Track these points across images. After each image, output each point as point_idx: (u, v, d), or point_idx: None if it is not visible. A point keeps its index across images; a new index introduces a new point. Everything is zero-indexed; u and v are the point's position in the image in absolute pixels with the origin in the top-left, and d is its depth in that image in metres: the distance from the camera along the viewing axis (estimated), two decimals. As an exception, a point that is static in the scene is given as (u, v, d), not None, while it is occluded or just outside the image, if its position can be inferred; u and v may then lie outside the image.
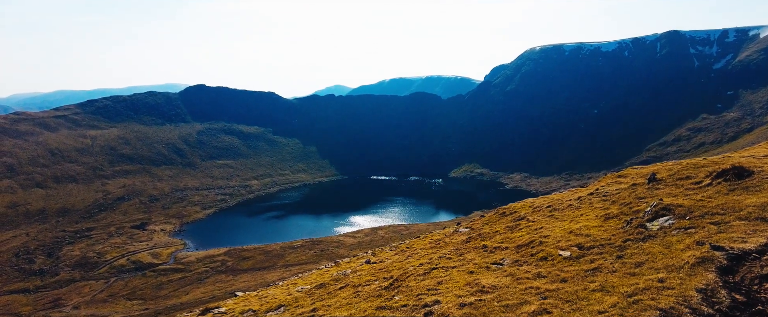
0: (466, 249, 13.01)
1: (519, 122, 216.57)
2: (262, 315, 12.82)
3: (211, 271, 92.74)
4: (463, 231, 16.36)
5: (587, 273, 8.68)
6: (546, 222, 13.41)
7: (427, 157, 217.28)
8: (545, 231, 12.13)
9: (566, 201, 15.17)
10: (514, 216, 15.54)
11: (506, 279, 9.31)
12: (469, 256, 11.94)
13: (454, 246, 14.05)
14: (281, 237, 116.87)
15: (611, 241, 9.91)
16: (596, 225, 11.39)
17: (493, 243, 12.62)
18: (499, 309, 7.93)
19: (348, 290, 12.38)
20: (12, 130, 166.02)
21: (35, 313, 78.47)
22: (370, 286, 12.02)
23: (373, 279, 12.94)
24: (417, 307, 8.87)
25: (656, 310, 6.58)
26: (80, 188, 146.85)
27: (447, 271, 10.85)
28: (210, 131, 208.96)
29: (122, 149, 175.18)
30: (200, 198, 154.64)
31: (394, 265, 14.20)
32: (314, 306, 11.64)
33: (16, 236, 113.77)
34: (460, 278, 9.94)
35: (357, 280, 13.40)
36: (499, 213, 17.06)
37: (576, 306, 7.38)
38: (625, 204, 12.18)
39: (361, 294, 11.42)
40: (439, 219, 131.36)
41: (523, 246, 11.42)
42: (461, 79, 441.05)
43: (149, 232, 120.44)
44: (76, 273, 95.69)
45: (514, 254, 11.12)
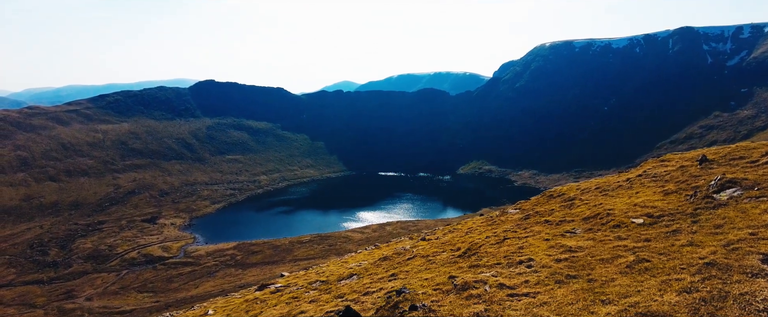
0: (527, 224, 13.60)
1: (528, 119, 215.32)
2: (334, 283, 13.30)
3: (221, 265, 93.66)
4: (512, 212, 16.90)
5: (668, 234, 9.32)
6: (602, 199, 14.01)
7: (435, 154, 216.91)
8: (606, 205, 12.70)
9: (614, 183, 15.85)
10: (564, 197, 16.05)
11: (588, 242, 9.99)
12: (535, 229, 12.58)
13: (512, 223, 14.65)
14: (289, 232, 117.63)
15: (681, 210, 10.56)
16: (658, 198, 12.03)
17: (555, 218, 13.28)
18: (595, 261, 8.64)
19: (418, 260, 13.00)
20: (26, 124, 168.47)
21: (49, 304, 79.90)
22: (441, 256, 12.71)
23: (440, 250, 13.54)
24: (512, 264, 9.37)
25: (758, 254, 7.29)
26: (92, 182, 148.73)
27: (521, 240, 11.47)
28: (219, 126, 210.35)
29: (133, 143, 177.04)
30: (210, 192, 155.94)
31: (456, 240, 14.86)
32: (391, 272, 12.35)
33: (31, 228, 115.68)
34: (539, 244, 10.59)
35: (423, 252, 14.00)
36: (547, 196, 17.60)
37: (671, 256, 8.09)
38: (681, 182, 12.81)
39: (436, 262, 12.11)
40: (447, 216, 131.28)
41: (589, 218, 12.08)
42: (470, 75, 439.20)
43: (159, 226, 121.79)
44: (88, 265, 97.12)
45: (582, 224, 11.75)
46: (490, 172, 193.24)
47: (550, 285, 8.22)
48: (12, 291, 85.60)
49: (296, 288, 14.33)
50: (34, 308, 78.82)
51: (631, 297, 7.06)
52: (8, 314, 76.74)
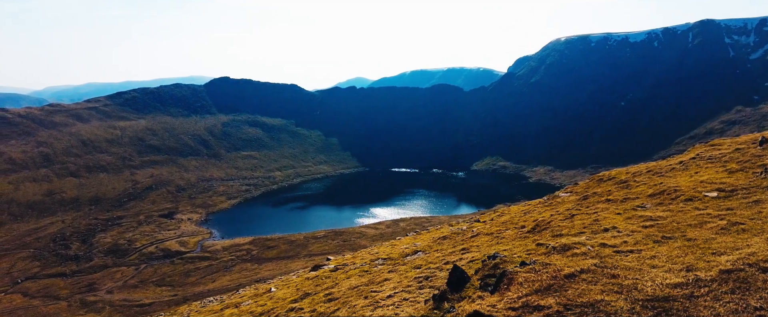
0: (588, 203, 13.77)
1: (543, 114, 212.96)
2: (400, 259, 13.64)
3: (237, 260, 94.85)
4: (564, 195, 17.12)
5: (751, 204, 9.42)
6: (660, 180, 14.05)
7: (449, 150, 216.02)
8: (669, 184, 12.76)
9: (667, 166, 15.97)
10: (615, 180, 16.23)
11: (665, 212, 10.20)
12: (600, 206, 12.77)
13: (571, 203, 14.78)
14: (304, 227, 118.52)
15: (753, 185, 10.65)
16: (724, 176, 12.11)
17: (616, 197, 13.31)
18: (684, 226, 8.71)
19: (483, 237, 13.32)
20: (48, 121, 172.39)
21: (72, 296, 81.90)
22: (507, 233, 13.15)
23: (503, 229, 13.89)
24: (597, 231, 9.58)
25: None
26: (111, 177, 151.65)
27: (591, 215, 11.56)
28: (234, 123, 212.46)
29: (150, 140, 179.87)
30: (225, 188, 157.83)
31: (516, 220, 15.19)
32: (461, 247, 12.65)
33: (54, 223, 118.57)
34: (614, 217, 10.70)
35: (487, 230, 14.23)
36: (596, 180, 17.76)
37: (764, 221, 8.19)
38: (744, 162, 12.91)
39: (504, 237, 12.43)
40: (461, 212, 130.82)
41: (655, 195, 12.12)
42: (484, 70, 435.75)
43: (177, 221, 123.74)
44: (108, 259, 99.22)
45: (650, 200, 11.79)
46: (504, 169, 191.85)
47: (649, 244, 8.30)
48: (37, 283, 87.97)
49: (357, 265, 14.68)
50: (58, 300, 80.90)
51: (743, 249, 7.14)
52: (34, 305, 78.89)
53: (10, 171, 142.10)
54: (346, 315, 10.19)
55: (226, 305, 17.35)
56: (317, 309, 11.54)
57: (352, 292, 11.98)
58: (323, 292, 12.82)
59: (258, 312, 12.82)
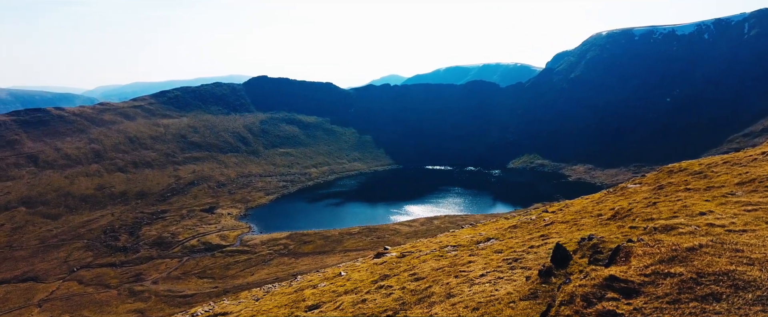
0: (666, 192, 13.59)
1: (583, 111, 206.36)
2: (472, 245, 13.99)
3: (275, 254, 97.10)
4: (633, 187, 16.97)
5: None
6: (743, 169, 13.72)
7: (485, 147, 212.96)
8: (758, 172, 12.42)
9: (747, 158, 15.58)
10: (687, 171, 15.93)
11: (764, 198, 9.79)
12: (681, 195, 12.67)
13: (646, 193, 14.65)
14: (339, 223, 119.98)
15: None
16: None
17: (697, 186, 13.08)
18: None
19: (559, 225, 13.60)
20: (98, 119, 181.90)
21: (121, 285, 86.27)
22: (585, 221, 13.09)
23: (578, 217, 14.06)
24: (693, 215, 9.49)
25: None
26: (155, 173, 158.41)
27: (676, 202, 11.45)
28: (272, 120, 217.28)
29: (192, 137, 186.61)
30: (263, 184, 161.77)
31: (589, 209, 15.18)
32: (540, 233, 12.91)
33: (104, 215, 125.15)
34: (703, 203, 10.70)
35: (560, 219, 14.35)
36: (666, 172, 17.39)
37: None
38: None
39: (583, 224, 12.65)
40: (497, 211, 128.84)
41: (743, 183, 11.90)
42: (521, 66, 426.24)
43: (217, 216, 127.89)
44: (153, 251, 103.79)
45: (739, 188, 11.51)
46: (542, 167, 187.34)
47: (762, 225, 8.06)
48: (90, 272, 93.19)
49: (426, 252, 15.05)
50: (109, 288, 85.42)
51: None
52: (88, 292, 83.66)
53: (66, 166, 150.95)
54: (443, 291, 10.43)
55: (300, 287, 17.79)
56: (407, 286, 11.74)
57: (437, 273, 12.19)
58: (406, 273, 13.06)
59: (342, 290, 13.22)
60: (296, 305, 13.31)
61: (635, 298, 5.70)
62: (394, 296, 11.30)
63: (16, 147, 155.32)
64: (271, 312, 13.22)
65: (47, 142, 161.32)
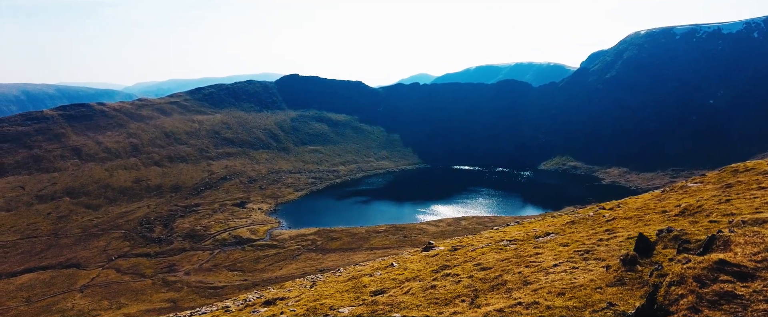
0: (737, 191, 13.70)
1: (619, 112, 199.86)
2: (532, 240, 14.24)
3: (303, 249, 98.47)
4: (693, 185, 16.70)
5: None
6: None
7: (515, 148, 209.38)
8: None
9: None
10: (755, 170, 15.83)
11: None
12: (756, 193, 12.36)
13: (712, 191, 14.62)
14: (366, 221, 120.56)
15: None
16: None
17: None
18: None
19: (622, 221, 13.90)
20: (137, 115, 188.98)
21: (155, 275, 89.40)
22: (650, 216, 13.16)
23: (642, 214, 14.15)
24: None
25: None
26: (189, 167, 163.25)
27: (752, 200, 11.74)
28: (302, 118, 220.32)
29: (225, 133, 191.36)
30: (293, 180, 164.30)
31: (652, 206, 15.14)
32: (605, 228, 13.12)
33: (140, 207, 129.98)
34: None
35: (622, 215, 14.51)
36: (730, 171, 17.10)
37: None
38: None
39: (650, 220, 12.60)
40: (527, 213, 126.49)
41: None
42: (554, 65, 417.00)
43: (248, 210, 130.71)
44: (186, 243, 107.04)
45: None
46: (575, 169, 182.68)
47: None
48: (127, 261, 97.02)
49: (482, 246, 15.19)
50: (144, 277, 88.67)
51: None
52: (125, 281, 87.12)
53: (106, 159, 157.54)
54: (517, 279, 10.59)
55: (353, 275, 17.96)
56: (474, 275, 11.87)
57: (503, 263, 12.34)
58: (469, 263, 13.17)
59: (402, 278, 13.40)
60: (359, 290, 13.46)
61: (751, 282, 5.67)
62: (464, 283, 11.46)
63: (62, 140, 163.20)
64: (334, 297, 13.42)
65: (90, 136, 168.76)
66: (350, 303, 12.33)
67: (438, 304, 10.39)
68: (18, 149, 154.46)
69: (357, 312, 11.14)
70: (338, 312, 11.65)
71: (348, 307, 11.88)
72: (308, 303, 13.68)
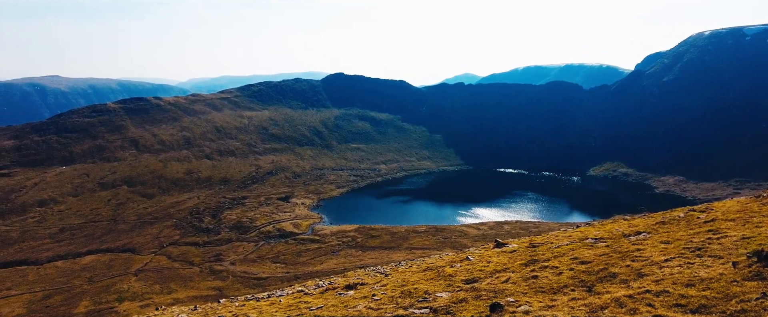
0: None
1: (676, 118, 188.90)
2: (620, 237, 14.43)
3: (343, 245, 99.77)
4: None
5: None
6: None
7: (563, 152, 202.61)
8: None
9: None
10: None
11: None
12: None
13: None
14: (405, 220, 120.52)
15: None
16: None
17: None
18: None
19: (725, 223, 13.58)
20: (190, 109, 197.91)
21: (203, 264, 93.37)
22: (757, 219, 13.15)
23: (748, 216, 14.02)
24: None
25: None
26: (238, 161, 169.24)
27: None
28: (346, 116, 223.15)
29: (272, 129, 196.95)
30: (335, 177, 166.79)
31: (757, 209, 15.18)
32: (708, 228, 13.16)
33: (191, 198, 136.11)
34: None
35: (722, 217, 14.54)
36: None
37: None
38: None
39: (761, 223, 12.59)
40: (574, 220, 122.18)
41: None
42: (606, 67, 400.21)
43: (292, 205, 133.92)
44: (232, 234, 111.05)
45: None
46: (626, 176, 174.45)
47: None
48: (177, 249, 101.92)
49: (566, 243, 15.20)
50: (192, 265, 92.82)
51: None
52: (174, 267, 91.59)
53: (161, 151, 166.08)
54: (628, 271, 10.51)
55: (428, 267, 17.96)
56: (575, 268, 11.80)
57: (603, 258, 12.22)
58: (565, 257, 13.10)
59: (490, 270, 13.46)
60: (446, 279, 13.41)
61: None
62: (566, 275, 11.32)
63: (122, 131, 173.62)
64: (421, 283, 13.49)
65: (147, 128, 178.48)
66: (444, 289, 12.29)
67: (545, 292, 10.34)
68: (84, 139, 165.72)
69: (460, 296, 11.06)
70: (436, 296, 11.61)
71: (445, 292, 11.84)
72: (396, 287, 13.75)
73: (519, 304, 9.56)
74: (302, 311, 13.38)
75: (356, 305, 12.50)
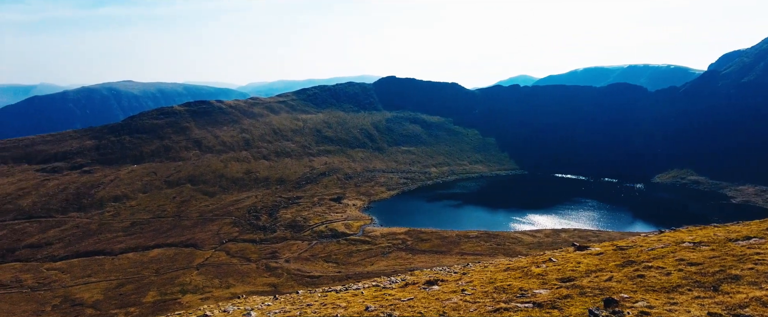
0: None
1: (757, 122, 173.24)
2: (725, 242, 14.15)
3: (393, 247, 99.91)
4: None
5: None
6: None
7: (625, 157, 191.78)
8: None
9: None
10: None
11: None
12: None
13: None
14: (456, 225, 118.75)
15: None
16: None
17: None
18: None
19: None
20: (249, 112, 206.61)
21: (260, 260, 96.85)
22: None
23: None
24: None
25: None
26: (293, 162, 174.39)
27: None
28: (397, 119, 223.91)
29: (325, 132, 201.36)
30: (386, 179, 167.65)
31: None
32: None
33: (249, 197, 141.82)
34: None
35: None
36: None
37: None
38: None
39: None
40: (637, 229, 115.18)
41: None
42: (674, 68, 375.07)
43: (343, 206, 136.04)
44: (287, 232, 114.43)
45: None
46: (696, 183, 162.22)
47: None
48: (236, 245, 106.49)
49: (659, 246, 14.77)
50: (249, 261, 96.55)
51: None
52: (233, 263, 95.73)
53: (222, 151, 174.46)
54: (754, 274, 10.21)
55: (509, 267, 17.71)
56: (684, 269, 11.50)
57: (715, 260, 11.81)
58: (669, 258, 12.74)
59: (582, 270, 13.20)
60: (537, 278, 13.19)
61: None
62: (677, 275, 10.91)
63: (186, 133, 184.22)
64: (510, 280, 13.42)
65: (209, 130, 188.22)
66: (540, 287, 12.07)
67: (657, 291, 9.98)
68: (153, 139, 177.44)
69: (562, 293, 10.82)
70: (534, 292, 11.44)
71: (542, 289, 11.64)
72: (485, 284, 13.64)
73: (634, 301, 9.34)
74: (392, 301, 13.46)
75: (450, 298, 12.49)
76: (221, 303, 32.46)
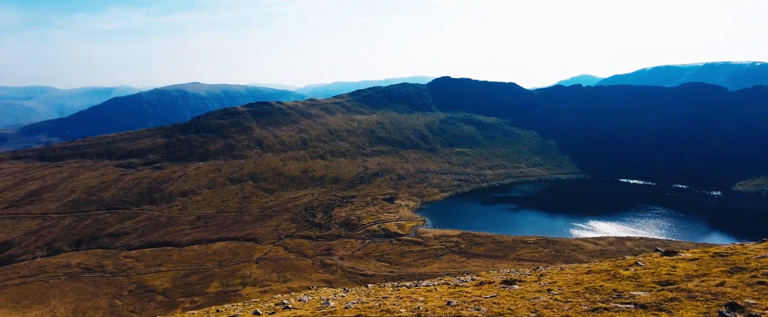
0: None
1: None
2: None
3: (446, 250, 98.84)
4: None
5: None
6: None
7: (700, 163, 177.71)
8: None
9: None
10: None
11: None
12: None
13: None
14: (512, 229, 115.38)
15: None
16: None
17: None
18: None
19: None
20: (307, 113, 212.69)
21: (315, 257, 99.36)
22: None
23: None
24: None
25: None
26: (347, 162, 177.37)
27: None
28: (451, 120, 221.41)
29: (379, 132, 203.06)
30: (439, 181, 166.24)
31: None
32: None
33: (306, 195, 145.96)
34: None
35: None
36: None
37: None
38: None
39: None
40: (712, 240, 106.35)
41: None
42: (759, 65, 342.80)
43: (396, 206, 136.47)
44: (341, 230, 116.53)
45: None
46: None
47: None
48: (293, 241, 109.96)
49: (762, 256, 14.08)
50: (305, 257, 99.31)
51: None
52: (290, 258, 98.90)
53: (281, 151, 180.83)
54: None
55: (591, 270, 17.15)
56: None
57: None
58: None
59: (681, 274, 12.69)
60: (629, 280, 12.70)
61: None
62: None
63: (248, 132, 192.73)
64: (600, 282, 13.07)
65: (269, 130, 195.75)
66: (636, 289, 11.61)
67: None
68: (217, 138, 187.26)
69: (666, 295, 10.37)
70: (632, 294, 11.04)
71: (641, 292, 11.20)
72: (572, 285, 13.26)
73: (763, 307, 8.70)
74: (473, 298, 13.27)
75: (537, 297, 12.19)
76: (294, 292, 33.45)
